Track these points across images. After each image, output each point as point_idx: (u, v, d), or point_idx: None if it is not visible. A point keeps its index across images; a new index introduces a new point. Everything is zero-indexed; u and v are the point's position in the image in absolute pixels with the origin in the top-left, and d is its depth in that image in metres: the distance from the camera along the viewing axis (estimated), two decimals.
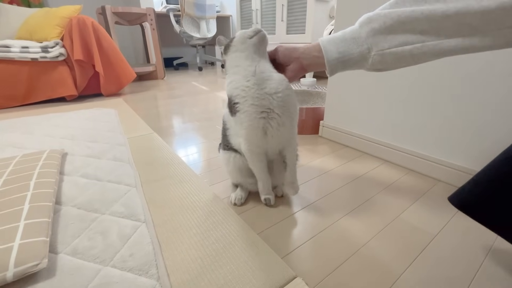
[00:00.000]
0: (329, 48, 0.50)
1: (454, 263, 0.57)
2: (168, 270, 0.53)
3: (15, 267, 0.48)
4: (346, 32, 0.49)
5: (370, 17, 0.46)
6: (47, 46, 1.82)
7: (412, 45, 0.43)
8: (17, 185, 0.72)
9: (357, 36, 0.47)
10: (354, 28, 0.48)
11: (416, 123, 0.91)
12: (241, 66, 0.61)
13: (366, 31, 0.46)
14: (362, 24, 0.47)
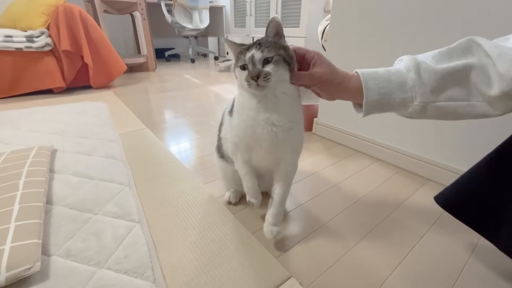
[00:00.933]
0: (371, 86, 0.44)
1: (442, 260, 0.59)
2: (164, 272, 0.53)
3: (7, 271, 0.47)
4: (391, 72, 0.44)
5: (419, 63, 0.42)
6: (32, 36, 1.75)
7: (457, 102, 0.41)
8: (6, 185, 0.70)
9: (403, 81, 0.42)
10: (400, 70, 0.44)
11: (407, 123, 0.93)
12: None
13: (413, 79, 0.42)
14: (409, 68, 0.42)
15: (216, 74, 2.87)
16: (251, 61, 0.48)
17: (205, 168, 0.96)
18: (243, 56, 0.49)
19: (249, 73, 0.48)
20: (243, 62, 0.49)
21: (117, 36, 3.28)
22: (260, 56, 0.47)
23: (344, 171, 0.95)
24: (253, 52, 0.47)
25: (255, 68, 0.48)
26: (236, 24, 3.42)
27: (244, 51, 0.49)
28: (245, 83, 0.48)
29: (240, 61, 0.50)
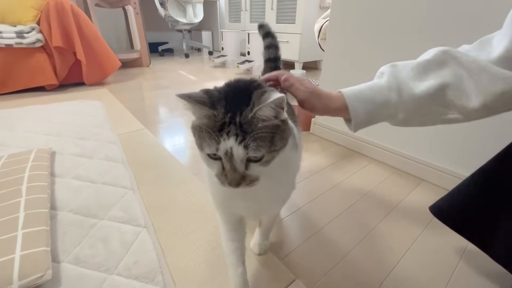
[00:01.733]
0: (357, 108, 0.45)
1: (434, 262, 0.63)
2: (174, 276, 0.55)
3: (20, 280, 0.48)
4: (374, 91, 0.45)
5: (400, 85, 0.43)
6: (22, 31, 1.69)
7: (435, 116, 0.44)
8: (8, 191, 0.70)
9: (387, 100, 0.44)
10: (382, 88, 0.45)
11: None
12: None
13: (395, 99, 0.44)
14: (391, 87, 0.44)
15: (211, 69, 2.84)
16: (228, 158, 0.31)
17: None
18: (213, 139, 0.31)
19: (226, 178, 0.32)
20: (213, 151, 0.31)
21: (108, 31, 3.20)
22: (242, 155, 0.31)
23: (343, 172, 0.98)
24: (230, 144, 0.30)
25: (236, 173, 0.32)
26: (231, 19, 3.38)
27: (214, 131, 0.31)
28: (216, 178, 0.34)
29: (207, 145, 0.31)
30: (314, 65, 2.90)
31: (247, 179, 0.33)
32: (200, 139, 0.32)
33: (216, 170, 0.33)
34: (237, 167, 0.32)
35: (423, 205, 0.81)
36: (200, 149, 0.33)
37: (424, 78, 0.42)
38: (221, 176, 0.33)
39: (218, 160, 0.32)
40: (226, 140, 0.30)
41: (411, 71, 0.44)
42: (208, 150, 0.32)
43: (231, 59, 2.94)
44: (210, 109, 0.31)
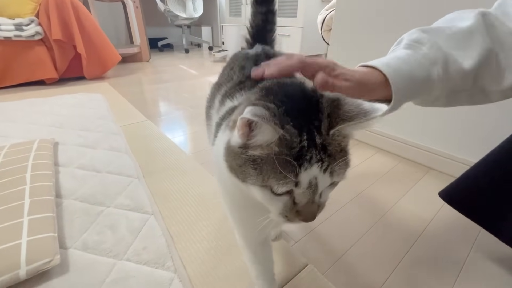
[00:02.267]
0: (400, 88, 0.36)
1: (447, 249, 0.62)
2: (184, 262, 0.54)
3: (27, 265, 0.47)
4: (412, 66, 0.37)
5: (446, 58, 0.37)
6: (21, 24, 1.67)
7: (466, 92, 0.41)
8: (12, 179, 0.68)
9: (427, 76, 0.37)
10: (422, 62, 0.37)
11: (410, 113, 0.95)
12: None
13: (440, 75, 0.37)
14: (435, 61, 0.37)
15: (211, 64, 2.82)
16: (310, 190, 0.24)
17: (211, 160, 0.96)
18: (291, 171, 0.23)
19: (300, 212, 0.26)
20: (291, 186, 0.24)
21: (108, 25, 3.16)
22: (327, 183, 0.25)
23: None
24: (314, 172, 0.24)
25: (314, 205, 0.26)
26: (231, 13, 3.35)
27: (291, 160, 0.23)
28: (279, 217, 0.27)
29: (277, 180, 0.23)
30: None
31: (320, 208, 0.27)
32: (261, 172, 0.24)
33: (282, 207, 0.25)
34: (316, 199, 0.25)
35: (432, 193, 0.80)
36: (258, 184, 0.24)
37: (471, 46, 0.37)
38: (289, 213, 0.25)
39: (284, 196, 0.25)
40: (308, 170, 0.23)
41: (454, 41, 0.37)
42: (280, 186, 0.23)
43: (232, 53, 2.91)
44: (285, 131, 0.22)
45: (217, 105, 0.40)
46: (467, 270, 0.56)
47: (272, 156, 0.23)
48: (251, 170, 0.24)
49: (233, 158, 0.26)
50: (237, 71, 0.40)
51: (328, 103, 0.25)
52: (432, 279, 0.54)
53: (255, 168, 0.24)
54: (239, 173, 0.26)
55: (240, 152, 0.25)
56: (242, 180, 0.26)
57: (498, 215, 0.53)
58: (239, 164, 0.25)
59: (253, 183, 0.25)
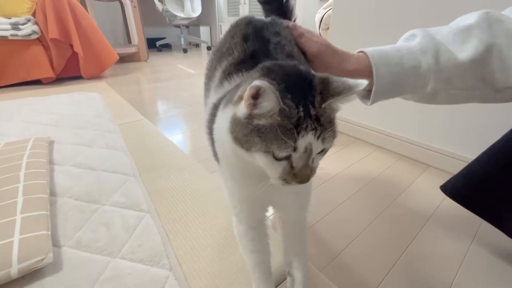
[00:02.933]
0: (382, 72, 0.37)
1: (446, 244, 0.61)
2: (179, 259, 0.53)
3: (19, 263, 0.46)
4: (402, 53, 0.38)
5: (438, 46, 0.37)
6: (17, 23, 1.66)
7: (470, 91, 0.39)
8: (5, 177, 0.67)
9: (417, 65, 0.37)
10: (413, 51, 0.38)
11: (408, 110, 0.94)
12: None
13: (430, 63, 0.37)
14: (425, 50, 0.37)
15: None
16: (306, 155, 0.28)
17: (209, 157, 0.95)
18: (290, 138, 0.27)
19: (296, 175, 0.29)
20: (290, 151, 0.27)
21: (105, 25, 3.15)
22: (319, 149, 0.29)
23: (347, 160, 0.96)
24: (309, 139, 0.27)
25: (307, 168, 0.29)
26: (229, 12, 3.35)
27: (291, 128, 0.26)
28: (279, 180, 0.30)
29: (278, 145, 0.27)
30: None
31: (313, 172, 0.30)
32: (265, 140, 0.27)
33: (281, 171, 0.29)
34: (310, 163, 0.29)
35: (430, 191, 0.79)
36: (262, 150, 0.28)
37: (467, 40, 0.36)
38: (287, 176, 0.29)
39: (283, 161, 0.28)
40: (305, 136, 0.27)
41: (451, 35, 0.37)
42: (282, 151, 0.27)
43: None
44: (285, 103, 0.26)
45: (216, 82, 0.42)
46: (467, 264, 0.55)
47: (275, 125, 0.26)
48: (256, 138, 0.28)
49: (240, 129, 0.29)
50: (239, 43, 0.41)
51: (319, 82, 0.29)
52: (432, 275, 0.53)
53: (259, 136, 0.27)
54: (244, 142, 0.29)
55: (247, 123, 0.28)
56: (247, 149, 0.29)
57: (500, 207, 0.52)
58: (245, 133, 0.28)
59: (257, 150, 0.28)
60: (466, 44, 0.37)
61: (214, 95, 0.41)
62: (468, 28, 0.37)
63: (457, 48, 0.37)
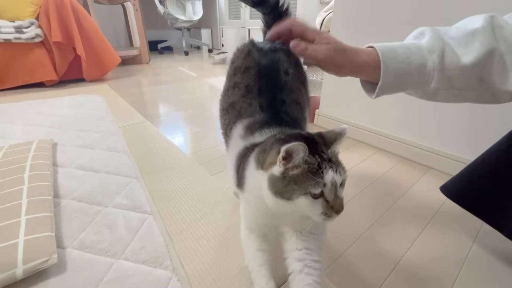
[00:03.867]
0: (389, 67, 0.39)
1: (447, 247, 0.62)
2: (182, 261, 0.53)
3: (24, 264, 0.46)
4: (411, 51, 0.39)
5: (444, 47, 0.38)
6: (21, 26, 1.67)
7: (469, 91, 0.40)
8: (10, 179, 0.68)
9: (423, 64, 0.39)
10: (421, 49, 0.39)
11: (409, 113, 0.95)
12: None
13: (435, 62, 0.38)
14: (432, 49, 0.39)
15: (211, 66, 2.83)
16: (333, 188, 0.35)
17: (212, 159, 0.96)
18: (318, 177, 0.34)
19: (333, 206, 0.35)
20: (321, 187, 0.34)
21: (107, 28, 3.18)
22: (340, 180, 0.36)
23: (347, 162, 0.96)
24: (331, 175, 0.35)
25: (339, 198, 0.36)
26: (231, 15, 3.38)
27: (317, 170, 0.34)
28: (320, 217, 0.36)
29: (312, 185, 0.34)
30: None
31: (342, 202, 0.37)
32: (301, 185, 0.35)
33: (321, 207, 0.35)
34: (338, 193, 0.36)
35: (431, 192, 0.80)
36: (302, 193, 0.35)
37: (471, 43, 0.38)
38: (327, 210, 0.35)
39: (319, 198, 0.35)
40: (328, 173, 0.35)
41: (457, 37, 0.39)
42: (316, 188, 0.34)
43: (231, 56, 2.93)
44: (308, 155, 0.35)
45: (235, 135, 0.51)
46: (468, 266, 0.56)
47: (306, 171, 0.34)
48: (294, 186, 0.35)
49: (279, 184, 0.36)
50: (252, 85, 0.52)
51: (318, 138, 0.38)
52: (433, 277, 0.54)
53: (296, 183, 0.35)
54: (284, 193, 0.36)
55: (283, 177, 0.35)
56: (288, 198, 0.36)
57: (500, 209, 0.53)
58: (285, 185, 0.35)
59: (298, 195, 0.35)
60: (470, 47, 0.38)
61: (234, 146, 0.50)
62: (474, 32, 0.38)
63: (462, 51, 0.38)
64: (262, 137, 0.45)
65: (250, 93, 0.51)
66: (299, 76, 0.56)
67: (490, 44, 0.37)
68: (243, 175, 0.45)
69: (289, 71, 0.53)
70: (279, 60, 0.53)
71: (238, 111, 0.52)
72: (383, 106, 1.02)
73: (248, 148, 0.46)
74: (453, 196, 0.59)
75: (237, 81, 0.54)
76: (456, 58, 0.38)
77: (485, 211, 0.56)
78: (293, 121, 0.49)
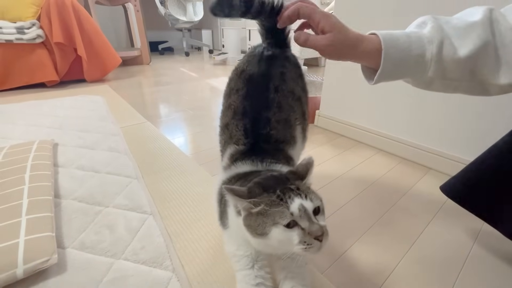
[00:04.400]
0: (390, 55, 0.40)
1: (447, 247, 0.61)
2: (182, 261, 0.53)
3: (25, 263, 0.46)
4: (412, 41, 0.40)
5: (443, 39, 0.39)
6: (22, 27, 1.68)
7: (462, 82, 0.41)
8: (11, 179, 0.68)
9: (422, 53, 0.39)
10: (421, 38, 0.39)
11: (409, 113, 0.95)
12: None
13: (433, 53, 0.39)
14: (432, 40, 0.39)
15: (211, 67, 2.83)
16: (304, 215, 0.36)
17: (211, 160, 0.96)
18: (284, 207, 0.36)
19: (311, 233, 0.36)
20: (287, 216, 0.35)
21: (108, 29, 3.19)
22: (311, 207, 0.37)
23: (348, 162, 0.97)
24: (298, 201, 0.36)
25: (316, 224, 0.36)
26: None
27: (280, 203, 0.37)
28: (299, 247, 0.36)
29: (279, 217, 0.36)
30: (316, 62, 2.89)
31: (324, 230, 0.37)
32: (267, 220, 0.37)
33: (298, 236, 0.36)
34: (313, 219, 0.36)
35: (432, 193, 0.80)
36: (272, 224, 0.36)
37: (469, 35, 0.38)
38: (305, 238, 0.36)
39: (294, 228, 0.36)
40: (293, 202, 0.36)
41: (457, 29, 0.39)
42: (282, 218, 0.36)
43: (232, 56, 2.93)
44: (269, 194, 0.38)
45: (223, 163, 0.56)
46: (469, 267, 0.55)
47: (267, 207, 0.37)
48: (264, 219, 0.37)
49: (249, 220, 0.39)
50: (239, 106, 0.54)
51: (290, 174, 0.42)
52: (433, 277, 0.54)
53: (264, 216, 0.37)
54: (257, 228, 0.38)
55: (249, 215, 0.39)
56: (262, 233, 0.37)
57: (500, 209, 0.52)
58: (254, 219, 0.38)
59: (270, 227, 0.36)
60: (467, 40, 0.38)
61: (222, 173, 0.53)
62: (473, 24, 0.39)
63: (459, 43, 0.39)
64: (241, 168, 0.49)
65: (237, 115, 0.53)
66: (293, 91, 0.56)
67: (486, 38, 0.37)
68: (225, 210, 0.48)
69: (281, 88, 0.54)
70: (270, 77, 0.54)
71: (230, 133, 0.54)
72: (383, 107, 1.02)
73: (226, 183, 0.49)
74: (452, 195, 0.59)
75: (230, 103, 0.56)
76: (453, 51, 0.38)
77: (484, 210, 0.56)
78: (275, 146, 0.51)
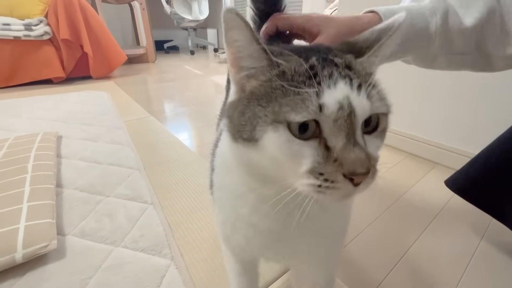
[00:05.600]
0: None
1: (455, 242, 0.60)
2: (181, 250, 0.53)
3: (24, 248, 0.46)
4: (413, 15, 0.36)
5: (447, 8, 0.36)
6: (30, 24, 1.71)
7: (466, 56, 0.38)
8: (14, 168, 0.69)
9: (425, 27, 0.36)
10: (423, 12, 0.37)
11: (415, 108, 0.93)
12: None
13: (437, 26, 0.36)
14: (435, 11, 0.36)
15: (216, 65, 2.84)
16: (344, 122, 0.18)
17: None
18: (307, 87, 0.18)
19: (341, 160, 0.18)
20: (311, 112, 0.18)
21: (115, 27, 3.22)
22: (365, 110, 0.19)
23: None
24: (342, 89, 0.18)
25: (356, 148, 0.19)
26: None
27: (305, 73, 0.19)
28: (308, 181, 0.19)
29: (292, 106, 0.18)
30: None
31: (371, 165, 0.19)
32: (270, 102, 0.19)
33: (311, 157, 0.18)
34: (358, 137, 0.19)
35: (438, 188, 0.77)
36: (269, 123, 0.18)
37: (474, 3, 0.36)
38: (325, 165, 0.18)
39: (311, 141, 0.18)
40: (331, 87, 0.17)
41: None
42: (297, 111, 0.17)
43: None
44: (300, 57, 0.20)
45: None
46: (476, 263, 0.54)
47: (282, 80, 0.18)
48: (258, 108, 0.19)
49: (236, 114, 0.21)
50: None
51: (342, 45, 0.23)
52: (437, 274, 0.52)
53: (260, 104, 0.19)
54: (243, 129, 0.20)
55: (241, 98, 0.21)
56: (250, 134, 0.19)
57: (505, 202, 0.51)
58: (242, 110, 0.20)
59: (266, 125, 0.18)
60: (472, 8, 0.36)
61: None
62: None
63: (464, 11, 0.36)
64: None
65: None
66: None
67: (492, 5, 0.35)
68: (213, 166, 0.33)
69: None
70: None
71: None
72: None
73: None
74: (457, 189, 0.57)
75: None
76: (458, 20, 0.36)
77: (490, 204, 0.54)
78: None
